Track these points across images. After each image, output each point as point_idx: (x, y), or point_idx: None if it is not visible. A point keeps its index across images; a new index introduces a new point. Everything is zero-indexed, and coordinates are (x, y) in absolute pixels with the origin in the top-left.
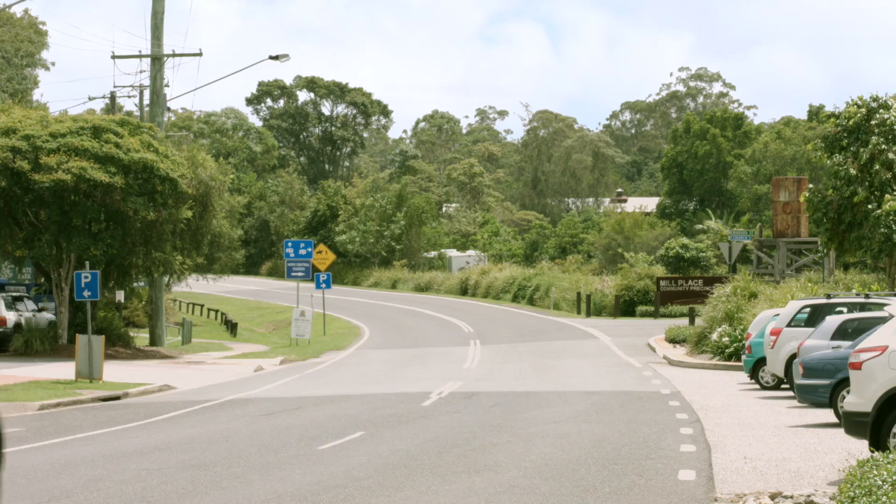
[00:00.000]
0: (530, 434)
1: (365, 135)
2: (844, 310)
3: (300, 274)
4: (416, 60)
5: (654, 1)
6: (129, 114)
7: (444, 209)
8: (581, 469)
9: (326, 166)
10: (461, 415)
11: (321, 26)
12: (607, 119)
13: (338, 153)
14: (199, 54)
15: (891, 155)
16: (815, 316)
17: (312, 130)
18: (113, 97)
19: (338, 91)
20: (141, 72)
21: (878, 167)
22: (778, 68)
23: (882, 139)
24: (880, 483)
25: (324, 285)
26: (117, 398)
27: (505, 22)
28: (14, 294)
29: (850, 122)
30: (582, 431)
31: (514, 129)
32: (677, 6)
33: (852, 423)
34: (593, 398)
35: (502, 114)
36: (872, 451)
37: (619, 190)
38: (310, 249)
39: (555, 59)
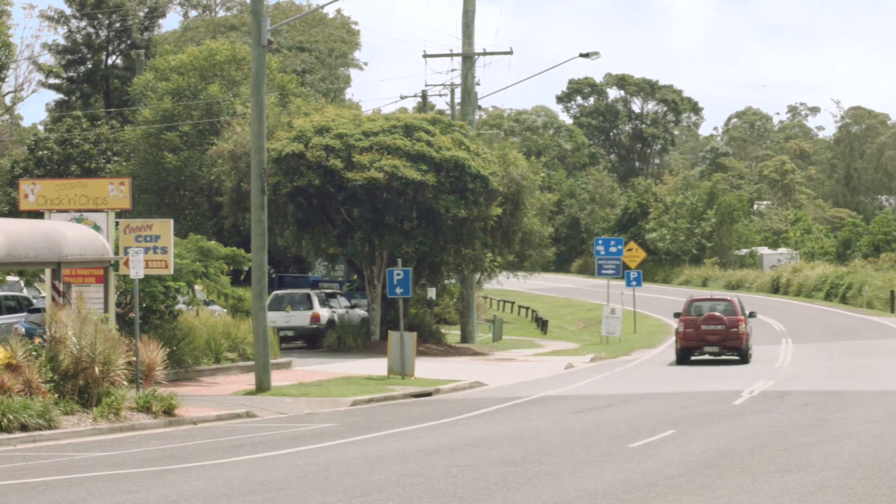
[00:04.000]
0: (843, 434)
1: (675, 132)
2: None
3: (610, 271)
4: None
5: None
6: (441, 112)
7: (755, 206)
8: (895, 469)
9: (636, 164)
10: (772, 414)
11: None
12: None
13: (648, 150)
14: (510, 52)
15: None
16: None
17: (622, 128)
18: (424, 96)
19: (648, 88)
20: (452, 70)
21: None
22: None
23: None
24: None
25: (634, 283)
26: (428, 394)
27: None
28: (327, 291)
29: None
30: None
31: (825, 125)
32: None
33: None
34: None
35: (814, 110)
36: None
37: None
38: (620, 247)
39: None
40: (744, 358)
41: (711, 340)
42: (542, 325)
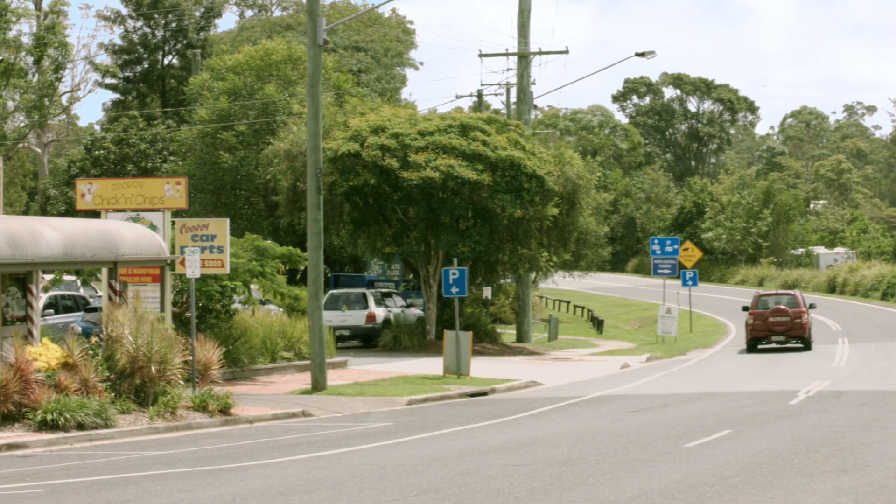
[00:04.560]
0: None
1: (731, 131)
2: None
3: (666, 271)
4: None
5: None
6: (496, 112)
7: (811, 206)
8: None
9: (692, 163)
10: (829, 413)
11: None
12: None
13: (704, 150)
14: (566, 52)
15: None
16: None
17: (678, 127)
18: (480, 95)
19: (704, 88)
20: (507, 70)
21: None
22: None
23: None
24: None
25: (690, 283)
26: (484, 394)
27: None
28: (383, 290)
29: None
30: None
31: (882, 124)
32: None
33: None
34: None
35: (871, 109)
36: None
37: None
38: (676, 247)
39: None
40: (807, 345)
41: (778, 330)
42: (597, 324)
